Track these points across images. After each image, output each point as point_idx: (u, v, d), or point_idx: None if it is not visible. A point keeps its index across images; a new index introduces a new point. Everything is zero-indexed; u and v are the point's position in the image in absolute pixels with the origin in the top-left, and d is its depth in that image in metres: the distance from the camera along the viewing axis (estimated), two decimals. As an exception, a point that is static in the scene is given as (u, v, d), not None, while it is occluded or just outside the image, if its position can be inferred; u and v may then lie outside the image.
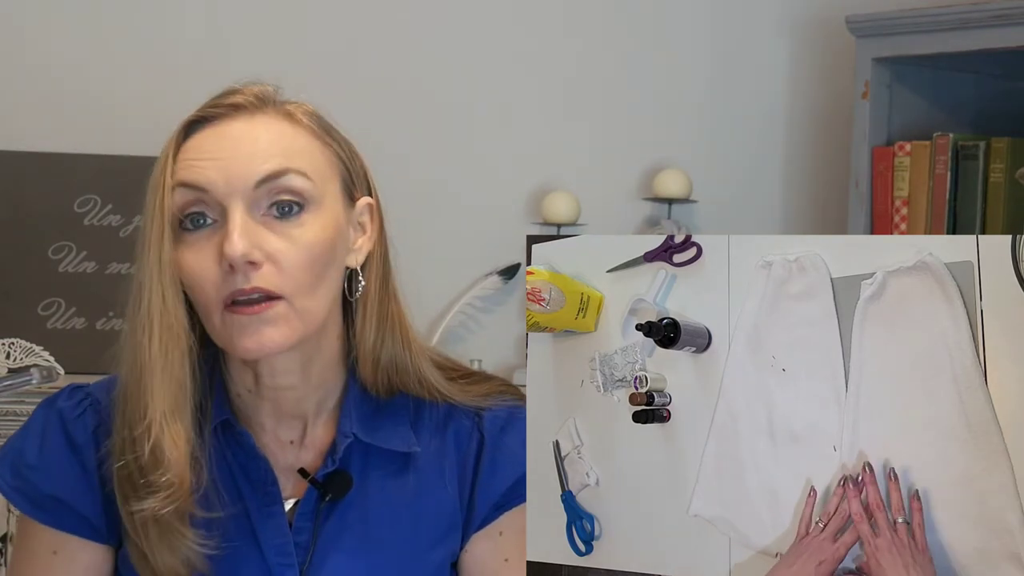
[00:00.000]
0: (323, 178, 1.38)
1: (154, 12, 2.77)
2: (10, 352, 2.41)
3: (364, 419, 1.44)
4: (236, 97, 1.39)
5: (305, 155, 1.38)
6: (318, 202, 1.36)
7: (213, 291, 1.34)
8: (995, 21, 2.43)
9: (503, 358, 2.81)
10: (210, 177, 1.34)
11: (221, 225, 1.34)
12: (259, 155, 1.35)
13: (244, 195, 1.33)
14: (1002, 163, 2.49)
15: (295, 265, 1.34)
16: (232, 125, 1.37)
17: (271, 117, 1.39)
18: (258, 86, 1.42)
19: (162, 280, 1.34)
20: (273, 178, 1.34)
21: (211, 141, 1.36)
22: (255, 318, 1.33)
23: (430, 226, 2.79)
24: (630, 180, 2.95)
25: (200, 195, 1.34)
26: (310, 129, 1.40)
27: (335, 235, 1.38)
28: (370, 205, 1.43)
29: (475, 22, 2.89)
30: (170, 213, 1.34)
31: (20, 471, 1.44)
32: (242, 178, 1.33)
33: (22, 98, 2.71)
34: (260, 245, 1.33)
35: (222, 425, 1.42)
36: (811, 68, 3.00)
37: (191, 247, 1.35)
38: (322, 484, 1.42)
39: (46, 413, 1.45)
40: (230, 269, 1.32)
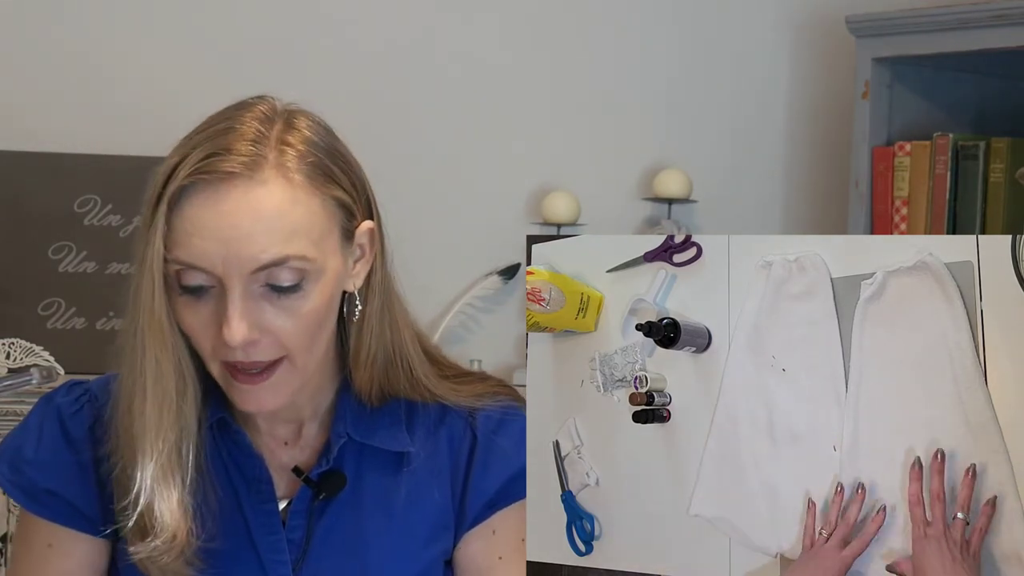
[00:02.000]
0: (323, 242, 1.34)
1: (154, 12, 2.77)
2: (10, 352, 2.41)
3: (358, 419, 1.45)
4: (227, 164, 1.30)
5: (305, 229, 1.32)
6: (318, 272, 1.34)
7: (210, 350, 1.34)
8: (995, 21, 2.43)
9: (503, 358, 2.81)
10: (210, 259, 1.30)
11: (219, 292, 1.32)
12: (258, 241, 1.30)
13: (241, 276, 1.31)
14: (1002, 163, 2.50)
15: (293, 334, 1.34)
16: (228, 197, 1.30)
17: (267, 187, 1.31)
18: (249, 124, 1.33)
19: (155, 340, 1.33)
20: (272, 265, 1.31)
21: (207, 215, 1.30)
22: (255, 387, 1.35)
23: (430, 226, 2.79)
24: (630, 180, 2.95)
25: (198, 271, 1.31)
26: (307, 186, 1.33)
27: (335, 290, 1.37)
28: (370, 230, 1.40)
29: (476, 22, 2.89)
30: (163, 275, 1.32)
31: (18, 465, 1.45)
32: (240, 262, 1.30)
33: (23, 98, 2.71)
34: (259, 323, 1.32)
35: (218, 423, 1.43)
36: (811, 68, 3.00)
37: (188, 307, 1.33)
38: (316, 483, 1.42)
39: (44, 408, 1.46)
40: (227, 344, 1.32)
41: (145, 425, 1.35)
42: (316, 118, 1.39)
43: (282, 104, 1.38)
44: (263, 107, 1.36)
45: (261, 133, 1.33)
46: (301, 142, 1.34)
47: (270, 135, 1.33)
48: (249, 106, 1.36)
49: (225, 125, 1.33)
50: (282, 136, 1.34)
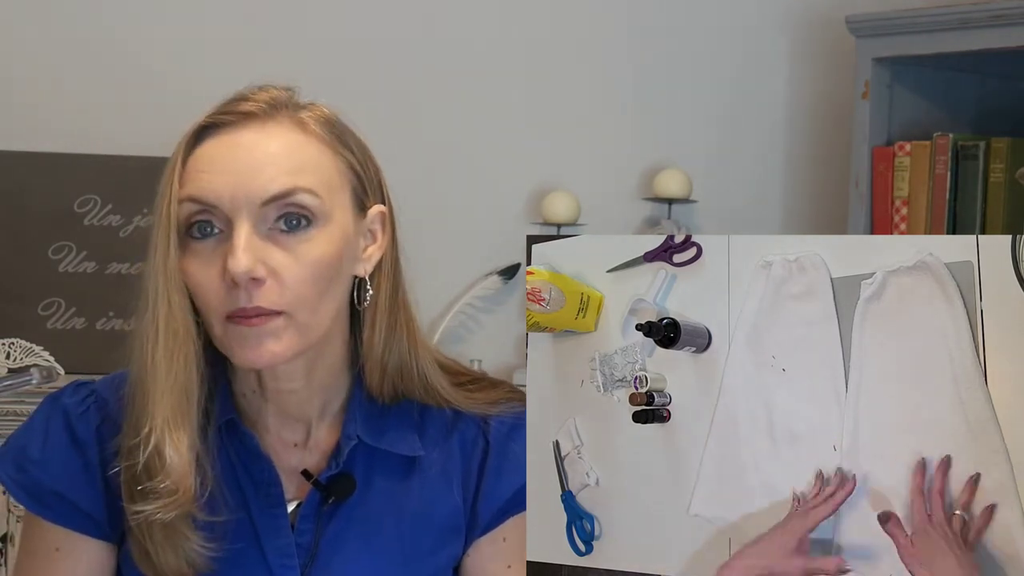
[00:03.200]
0: (332, 191, 1.37)
1: (155, 11, 2.77)
2: (10, 352, 2.42)
3: (369, 422, 1.44)
4: (247, 104, 1.37)
5: (315, 169, 1.36)
6: (326, 217, 1.36)
7: (216, 302, 1.34)
8: (995, 21, 2.43)
9: (503, 358, 2.81)
10: (218, 192, 1.33)
11: (227, 236, 1.33)
12: (267, 171, 1.33)
13: (250, 211, 1.33)
14: (1002, 163, 2.50)
15: (298, 280, 1.34)
16: (242, 135, 1.35)
17: (282, 127, 1.37)
18: (272, 90, 1.41)
19: (168, 287, 1.34)
20: (280, 197, 1.33)
21: (220, 151, 1.35)
22: (254, 330, 1.33)
23: (430, 226, 2.79)
24: (630, 180, 2.95)
25: (207, 208, 1.34)
26: (322, 138, 1.38)
27: (342, 248, 1.37)
28: (382, 213, 1.42)
29: (476, 22, 2.89)
30: (177, 221, 1.34)
31: (23, 466, 1.43)
32: (249, 195, 1.32)
33: (22, 98, 2.71)
34: (264, 260, 1.33)
35: (226, 425, 1.42)
36: (811, 68, 3.00)
37: (197, 256, 1.34)
38: (325, 486, 1.42)
39: (50, 408, 1.45)
40: (233, 283, 1.32)
41: (156, 364, 1.34)
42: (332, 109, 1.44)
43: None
44: (275, 90, 1.41)
45: (276, 99, 1.39)
46: (316, 112, 1.41)
47: (287, 104, 1.39)
48: (260, 87, 1.42)
49: (240, 95, 1.40)
50: (297, 106, 1.40)
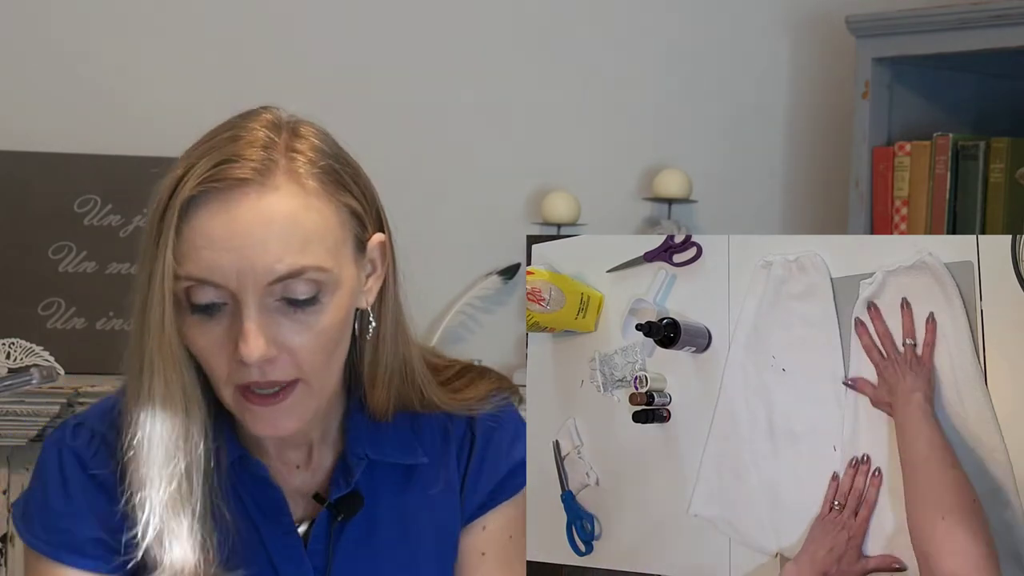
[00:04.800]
0: (338, 251, 1.30)
1: (155, 12, 2.77)
2: (10, 352, 2.42)
3: (371, 436, 1.42)
4: (238, 169, 1.26)
5: (320, 237, 1.28)
6: (335, 284, 1.30)
7: (224, 373, 1.29)
8: (995, 21, 2.43)
9: (503, 358, 2.81)
10: (223, 272, 1.25)
11: (233, 310, 1.27)
12: (272, 250, 1.25)
13: (256, 289, 1.26)
14: (1002, 163, 2.49)
15: (311, 351, 1.29)
16: (240, 206, 1.25)
17: (279, 193, 1.26)
18: (256, 128, 1.30)
19: (165, 364, 1.28)
20: (287, 277, 1.26)
21: (218, 226, 1.25)
22: (269, 409, 1.30)
23: (430, 226, 2.79)
24: (630, 180, 2.95)
25: (211, 285, 1.26)
26: (321, 191, 1.29)
27: (350, 304, 1.33)
28: (382, 244, 1.37)
29: (475, 22, 2.89)
30: (173, 294, 1.26)
31: (52, 523, 1.38)
32: (255, 274, 1.25)
33: (23, 98, 2.71)
34: (275, 338, 1.27)
35: (239, 460, 1.39)
36: (811, 68, 3.00)
37: (200, 327, 1.28)
38: (334, 506, 1.41)
39: (59, 456, 1.40)
40: (243, 362, 1.27)
41: (153, 452, 1.30)
42: (320, 128, 1.35)
43: (286, 114, 1.35)
44: (268, 116, 1.33)
45: (270, 139, 1.29)
46: (310, 149, 1.31)
47: (279, 141, 1.29)
48: (253, 115, 1.33)
49: (231, 134, 1.29)
50: (290, 143, 1.30)
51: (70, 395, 2.42)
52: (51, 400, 2.42)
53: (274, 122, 1.32)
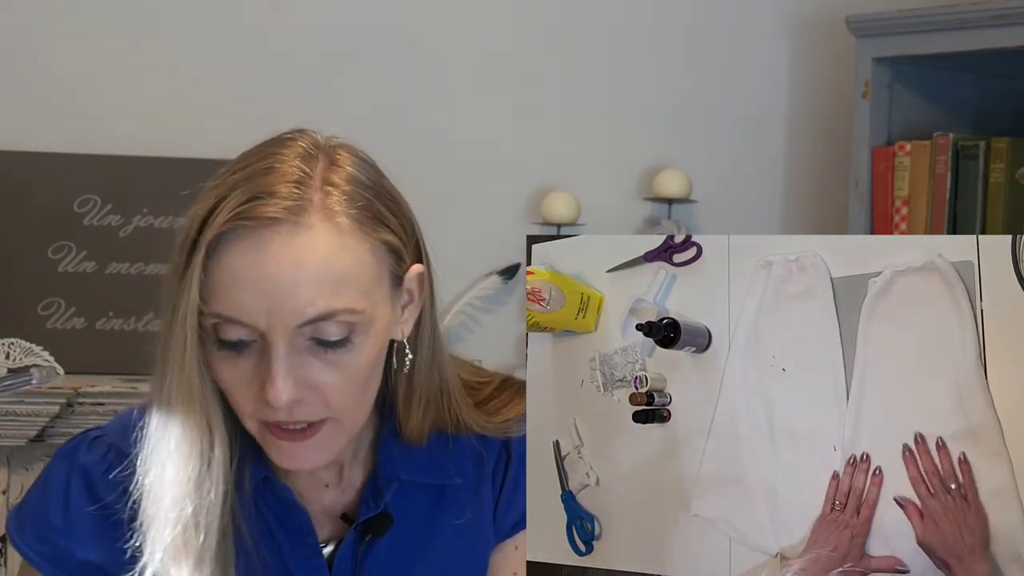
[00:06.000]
0: (372, 291, 1.26)
1: (154, 13, 2.77)
2: (10, 352, 2.42)
3: (402, 458, 1.39)
4: (271, 208, 1.20)
5: (354, 279, 1.24)
6: (368, 324, 1.25)
7: (250, 409, 1.26)
8: (995, 21, 2.43)
9: (503, 358, 2.81)
10: (251, 313, 1.21)
11: (260, 348, 1.23)
12: (303, 292, 1.20)
13: (286, 331, 1.21)
14: (1002, 163, 2.50)
15: (343, 393, 1.26)
16: (270, 246, 1.20)
17: (312, 233, 1.21)
18: (291, 160, 1.24)
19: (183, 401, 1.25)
20: (318, 320, 1.22)
21: (247, 265, 1.20)
22: (296, 444, 1.27)
23: (430, 226, 2.76)
24: (630, 180, 2.95)
25: (240, 324, 1.22)
26: (356, 229, 1.24)
27: (384, 341, 1.29)
28: (420, 274, 1.32)
29: (475, 22, 2.89)
30: (198, 329, 1.23)
31: (46, 536, 1.36)
32: (284, 317, 1.21)
33: (22, 98, 2.71)
34: (304, 379, 1.24)
35: (263, 481, 1.36)
36: (811, 68, 3.00)
37: (226, 362, 1.25)
38: (362, 525, 1.38)
39: (67, 469, 1.37)
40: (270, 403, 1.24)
41: (163, 491, 1.27)
42: (360, 154, 1.31)
43: (323, 138, 1.29)
44: (304, 143, 1.27)
45: (305, 173, 1.23)
46: (347, 181, 1.25)
47: (314, 175, 1.24)
48: (289, 142, 1.27)
49: (265, 164, 1.24)
50: (326, 175, 1.25)
51: (70, 395, 2.43)
52: (51, 400, 2.42)
53: (309, 150, 1.26)
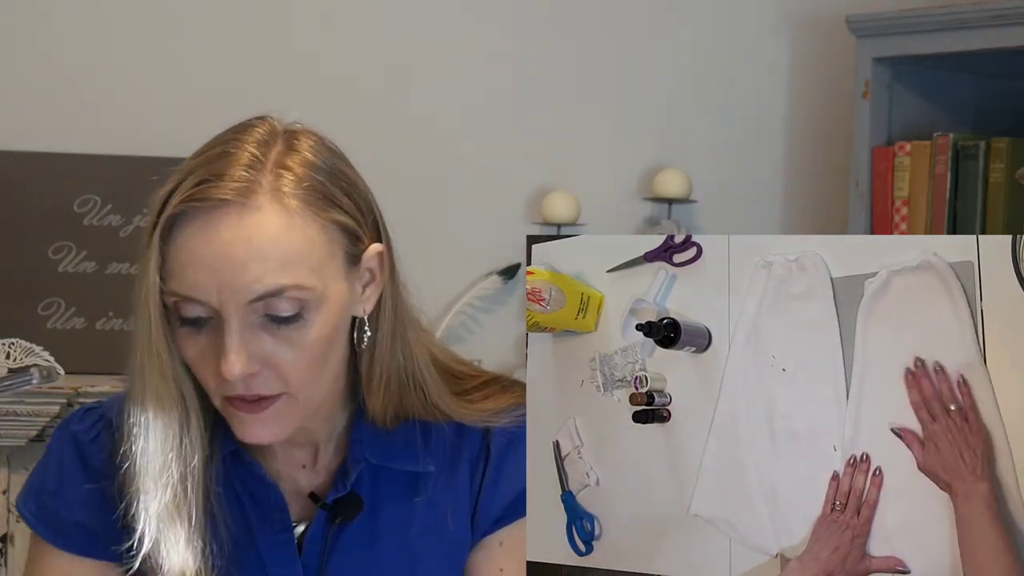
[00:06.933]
0: (323, 269, 1.30)
1: (155, 13, 2.77)
2: (10, 352, 2.41)
3: (375, 442, 1.41)
4: (220, 190, 1.26)
5: (302, 256, 1.28)
6: (320, 300, 1.29)
7: (212, 385, 1.31)
8: (995, 21, 2.43)
9: (503, 358, 2.81)
10: (203, 289, 1.26)
11: (217, 325, 1.28)
12: (252, 269, 1.26)
13: (238, 307, 1.27)
14: (1002, 163, 2.49)
15: (296, 367, 1.30)
16: (220, 224, 1.26)
17: (261, 213, 1.27)
18: (247, 144, 1.30)
19: (154, 375, 1.30)
20: (268, 296, 1.27)
21: (200, 245, 1.26)
22: (253, 416, 1.31)
23: (430, 226, 2.79)
24: (630, 180, 2.95)
25: (195, 301, 1.28)
26: (305, 210, 1.29)
27: (338, 318, 1.33)
28: (379, 254, 1.35)
29: (475, 22, 2.89)
30: (161, 309, 1.28)
31: (43, 501, 1.42)
32: (235, 293, 1.26)
33: (23, 98, 2.71)
34: (257, 353, 1.28)
35: (232, 454, 1.39)
36: (811, 68, 3.00)
37: (188, 338, 1.30)
38: (332, 507, 1.40)
39: (60, 437, 1.44)
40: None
41: (148, 462, 1.32)
42: (319, 137, 1.34)
43: (283, 125, 1.34)
44: (262, 129, 1.32)
45: (256, 158, 1.29)
46: (300, 164, 1.30)
47: (267, 159, 1.29)
48: (248, 128, 1.32)
49: (220, 149, 1.29)
50: (280, 159, 1.30)
51: (70, 395, 2.43)
52: (51, 400, 2.42)
53: (266, 136, 1.31)
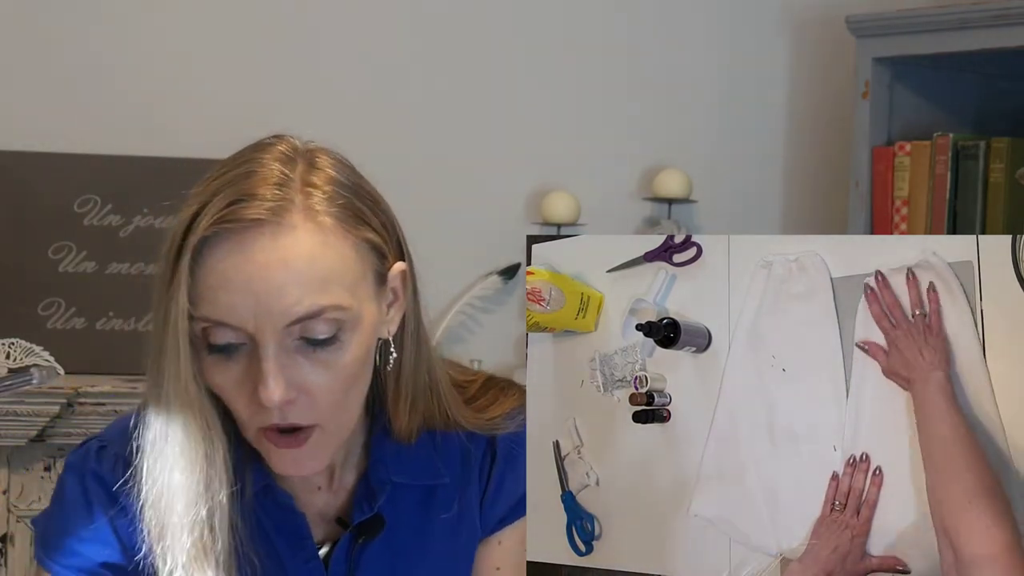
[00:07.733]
0: (357, 288, 1.27)
1: (155, 13, 2.77)
2: (10, 352, 2.42)
3: (396, 459, 1.41)
4: (252, 209, 1.22)
5: (339, 276, 1.25)
6: (355, 321, 1.27)
7: (246, 415, 1.28)
8: (995, 21, 2.43)
9: (503, 358, 2.81)
10: (239, 315, 1.22)
11: (251, 351, 1.24)
12: (290, 292, 1.22)
13: (275, 331, 1.23)
14: (1002, 163, 2.50)
15: (331, 392, 1.27)
16: (255, 247, 1.22)
17: (295, 233, 1.23)
18: (270, 163, 1.26)
19: (183, 408, 1.26)
20: (306, 318, 1.24)
21: (233, 267, 1.22)
22: (291, 452, 1.29)
23: (430, 226, 2.77)
24: (630, 180, 2.96)
25: (229, 327, 1.24)
26: (338, 228, 1.26)
27: (371, 339, 1.31)
28: (403, 272, 1.34)
29: (475, 22, 2.89)
30: (190, 335, 1.24)
31: (74, 548, 1.37)
32: (272, 317, 1.22)
33: (23, 98, 2.71)
34: (294, 379, 1.25)
35: (263, 489, 1.37)
36: (811, 68, 3.00)
37: (217, 366, 1.26)
38: (356, 528, 1.40)
39: (81, 479, 1.38)
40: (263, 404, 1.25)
41: (173, 499, 1.28)
42: (338, 156, 1.32)
43: (302, 143, 1.32)
44: (283, 147, 1.29)
45: (285, 175, 1.25)
46: (327, 182, 1.27)
47: (294, 176, 1.26)
48: (267, 147, 1.29)
49: (245, 169, 1.26)
50: (306, 177, 1.27)
51: (70, 395, 2.43)
52: (51, 400, 2.42)
53: (288, 154, 1.28)
